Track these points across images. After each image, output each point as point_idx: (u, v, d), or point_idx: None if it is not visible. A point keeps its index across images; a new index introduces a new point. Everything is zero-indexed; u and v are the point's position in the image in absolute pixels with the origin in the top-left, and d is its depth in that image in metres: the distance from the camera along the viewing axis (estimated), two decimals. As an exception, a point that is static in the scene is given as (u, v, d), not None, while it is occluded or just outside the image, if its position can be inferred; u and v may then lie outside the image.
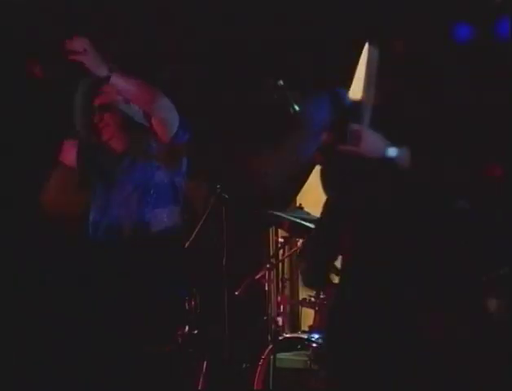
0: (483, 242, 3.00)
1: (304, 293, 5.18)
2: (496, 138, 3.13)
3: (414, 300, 2.95)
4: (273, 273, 5.20)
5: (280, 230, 5.67)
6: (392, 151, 3.01)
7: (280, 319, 4.98)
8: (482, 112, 3.13)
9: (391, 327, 2.96)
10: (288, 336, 4.91)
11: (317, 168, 5.50)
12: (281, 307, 5.11)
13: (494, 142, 3.12)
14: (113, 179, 4.30)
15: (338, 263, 3.42)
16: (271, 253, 5.73)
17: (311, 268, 3.49)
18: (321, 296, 4.82)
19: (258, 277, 5.02)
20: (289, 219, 4.91)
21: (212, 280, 4.82)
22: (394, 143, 3.02)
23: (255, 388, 4.69)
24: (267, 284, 5.08)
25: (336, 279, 3.51)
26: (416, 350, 2.92)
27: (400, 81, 3.21)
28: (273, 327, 4.90)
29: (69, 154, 4.40)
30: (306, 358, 4.65)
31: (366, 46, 3.16)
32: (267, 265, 5.07)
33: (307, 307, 5.09)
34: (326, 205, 3.45)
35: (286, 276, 5.66)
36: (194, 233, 4.86)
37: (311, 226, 4.76)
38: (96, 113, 4.30)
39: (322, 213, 3.48)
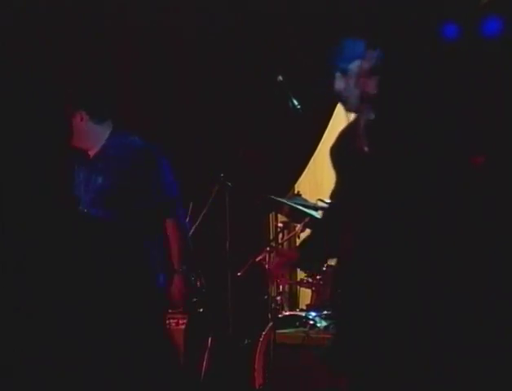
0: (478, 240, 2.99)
1: (302, 274, 5.24)
2: (482, 129, 3.15)
3: (415, 300, 2.96)
4: (273, 255, 5.09)
5: (279, 216, 5.74)
6: None
7: (279, 298, 5.09)
8: (469, 107, 3.13)
9: (395, 327, 2.98)
10: (287, 313, 4.98)
11: (314, 156, 5.73)
12: (281, 287, 5.21)
13: (480, 133, 3.14)
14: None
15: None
16: (271, 237, 5.78)
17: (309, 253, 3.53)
18: (318, 277, 4.89)
19: (258, 259, 5.07)
20: (287, 205, 4.99)
21: (216, 262, 5.03)
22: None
23: (256, 361, 4.77)
24: (267, 266, 5.08)
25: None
26: (416, 349, 2.95)
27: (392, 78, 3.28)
28: (273, 305, 5.00)
29: None
30: (303, 335, 4.68)
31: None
32: (268, 248, 5.14)
33: (305, 287, 5.17)
34: (334, 193, 3.41)
35: (285, 258, 5.92)
36: (199, 219, 4.96)
37: (309, 211, 4.87)
38: None
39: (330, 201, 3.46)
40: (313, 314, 4.79)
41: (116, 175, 4.36)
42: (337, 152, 3.36)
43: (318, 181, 6.22)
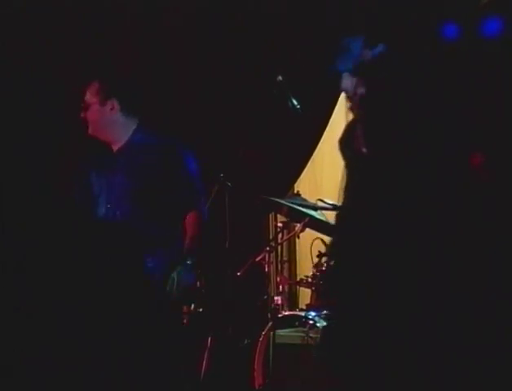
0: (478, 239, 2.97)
1: (302, 274, 5.30)
2: (482, 129, 3.15)
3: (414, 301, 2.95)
4: (272, 255, 5.30)
5: (279, 216, 5.74)
6: None
7: (279, 298, 5.07)
8: (469, 107, 3.12)
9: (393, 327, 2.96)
10: (286, 313, 4.97)
11: (314, 156, 5.74)
12: (280, 287, 5.20)
13: (480, 133, 3.14)
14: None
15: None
16: (271, 237, 5.77)
17: None
18: (317, 277, 4.87)
19: (258, 259, 5.09)
20: (287, 205, 5.01)
21: (216, 262, 5.01)
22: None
23: (255, 361, 4.77)
24: (266, 266, 5.16)
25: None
26: (415, 349, 2.93)
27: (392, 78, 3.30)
28: (273, 305, 5.01)
29: None
30: (303, 334, 4.70)
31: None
32: (267, 248, 5.17)
33: (305, 287, 5.15)
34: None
35: (285, 258, 5.84)
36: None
37: (308, 211, 4.88)
38: None
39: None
40: (313, 313, 4.77)
41: (141, 173, 4.36)
42: (345, 145, 3.34)
43: (318, 181, 6.23)
